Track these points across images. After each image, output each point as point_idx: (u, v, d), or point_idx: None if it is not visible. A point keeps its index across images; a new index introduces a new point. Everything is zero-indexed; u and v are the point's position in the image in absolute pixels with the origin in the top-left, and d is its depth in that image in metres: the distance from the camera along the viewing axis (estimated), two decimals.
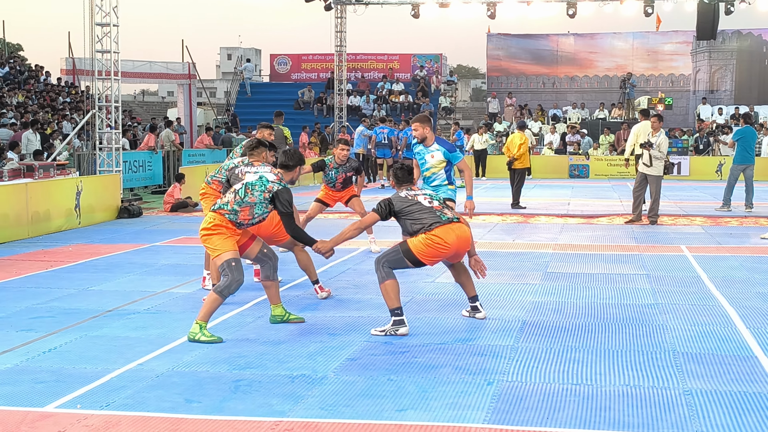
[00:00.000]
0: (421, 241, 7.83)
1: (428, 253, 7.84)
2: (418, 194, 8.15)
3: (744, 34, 41.24)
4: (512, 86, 42.46)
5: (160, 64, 40.87)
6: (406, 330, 7.80)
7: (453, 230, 7.90)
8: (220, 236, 7.70)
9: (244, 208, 7.72)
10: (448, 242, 7.83)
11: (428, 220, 7.88)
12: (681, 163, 30.51)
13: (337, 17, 36.03)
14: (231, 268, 7.60)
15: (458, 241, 7.90)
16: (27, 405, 5.88)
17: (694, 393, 6.04)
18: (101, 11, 18.58)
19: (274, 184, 7.78)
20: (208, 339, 7.55)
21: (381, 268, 7.83)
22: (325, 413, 5.67)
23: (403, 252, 7.86)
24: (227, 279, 7.59)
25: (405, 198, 8.10)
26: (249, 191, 7.75)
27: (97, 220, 16.93)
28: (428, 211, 7.95)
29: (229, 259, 7.62)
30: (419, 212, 7.94)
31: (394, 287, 7.81)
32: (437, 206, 8.05)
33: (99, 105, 18.98)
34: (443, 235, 7.82)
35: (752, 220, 16.88)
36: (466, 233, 8.03)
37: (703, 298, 9.36)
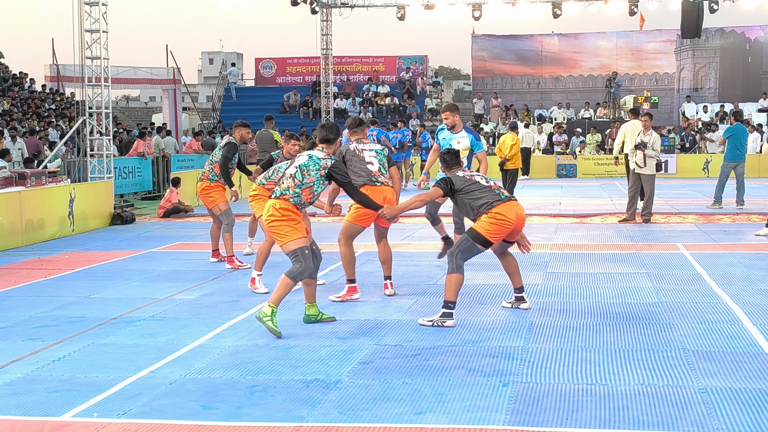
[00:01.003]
0: (486, 221, 8.22)
1: (494, 230, 8.22)
2: (474, 175, 8.65)
3: (727, 32, 41.44)
4: (497, 87, 42.50)
5: (144, 70, 40.77)
6: (452, 323, 8.16)
7: (513, 207, 8.34)
8: (289, 223, 7.97)
9: (304, 190, 8.05)
10: (510, 218, 8.25)
11: (489, 197, 8.32)
12: (668, 161, 30.64)
13: (323, 20, 36.05)
14: (304, 255, 7.91)
15: (517, 217, 8.34)
16: (43, 415, 5.85)
17: (710, 391, 6.06)
18: (90, 17, 18.50)
19: (326, 160, 8.18)
20: (272, 327, 7.81)
21: (454, 260, 8.19)
22: (344, 417, 5.67)
23: (473, 237, 8.22)
24: (300, 265, 7.89)
25: (464, 177, 8.55)
26: (305, 172, 8.07)
27: (90, 228, 16.86)
28: (488, 190, 8.42)
29: (302, 246, 7.93)
30: (479, 191, 8.39)
31: (459, 281, 8.17)
32: (494, 185, 8.54)
33: (89, 112, 18.88)
34: (505, 211, 8.25)
35: (744, 217, 16.97)
36: (523, 211, 8.48)
37: (706, 295, 9.41)
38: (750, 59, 41.47)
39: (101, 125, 18.99)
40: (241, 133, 12.28)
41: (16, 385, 6.54)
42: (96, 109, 18.97)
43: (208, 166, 12.11)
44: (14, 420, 5.76)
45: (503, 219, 8.20)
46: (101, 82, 18.81)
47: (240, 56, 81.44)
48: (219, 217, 12.02)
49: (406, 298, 9.53)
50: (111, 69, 19.64)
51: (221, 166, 11.83)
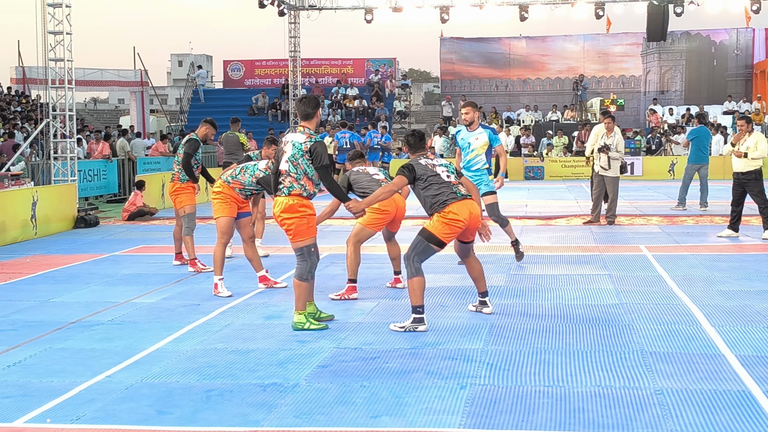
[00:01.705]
0: (438, 221, 8.10)
1: (447, 231, 8.09)
2: (436, 165, 8.37)
3: (693, 35, 41.82)
4: (465, 89, 42.61)
5: (111, 72, 40.55)
6: (425, 327, 8.06)
7: (466, 206, 8.16)
8: (304, 221, 7.99)
9: (303, 179, 8.01)
10: (463, 218, 8.09)
11: (445, 194, 8.12)
12: (634, 163, 30.82)
13: (291, 23, 36.00)
14: (310, 253, 8.05)
15: (471, 217, 8.16)
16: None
17: (666, 392, 6.09)
18: (54, 19, 18.34)
19: (306, 143, 8.06)
20: (317, 327, 8.07)
21: (411, 264, 8.09)
22: (299, 421, 5.64)
23: (427, 239, 8.11)
24: (306, 264, 8.04)
25: (425, 166, 8.31)
26: (295, 163, 8.03)
27: (53, 231, 16.71)
28: (446, 185, 8.19)
29: (310, 244, 8.04)
30: (437, 185, 8.18)
31: (421, 284, 8.05)
32: (454, 181, 8.31)
33: (53, 114, 18.72)
34: (458, 210, 8.09)
35: (708, 218, 17.10)
36: (477, 210, 8.30)
37: (666, 297, 9.46)
38: (715, 62, 41.87)
39: (65, 128, 18.82)
40: (206, 130, 12.16)
41: None
42: (60, 112, 18.80)
43: (177, 167, 12.01)
44: None
45: (455, 219, 8.06)
46: (65, 84, 18.65)
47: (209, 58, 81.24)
48: (182, 219, 11.94)
49: (368, 301, 9.51)
50: (77, 71, 19.52)
51: (184, 163, 11.75)
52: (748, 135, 13.99)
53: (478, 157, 11.33)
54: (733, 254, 12.52)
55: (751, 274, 10.78)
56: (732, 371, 6.59)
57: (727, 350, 7.19)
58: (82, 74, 35.25)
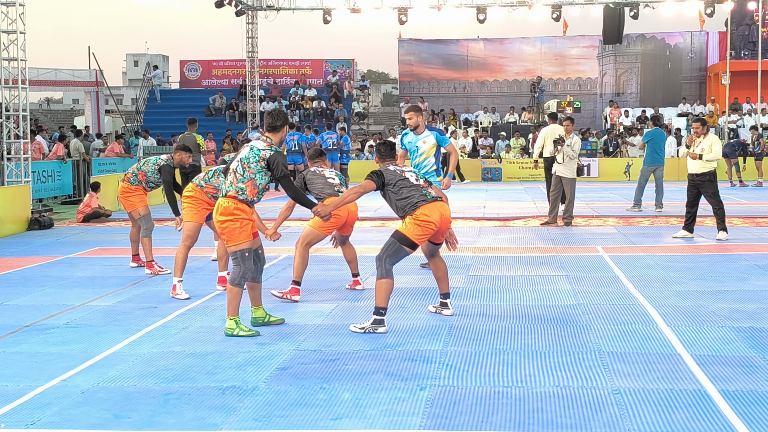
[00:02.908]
0: (410, 223, 8.17)
1: (419, 233, 8.15)
2: (405, 170, 8.51)
3: (648, 38, 42.32)
4: (424, 91, 42.74)
5: (65, 72, 40.12)
6: (384, 329, 8.07)
7: (437, 208, 8.25)
8: (237, 223, 7.85)
9: (247, 184, 7.85)
10: (434, 219, 8.17)
11: (415, 197, 8.23)
12: (590, 164, 31.10)
13: (249, 23, 35.82)
14: (244, 258, 7.87)
15: (442, 219, 8.24)
16: None
17: (623, 392, 6.14)
18: (7, 18, 18.09)
19: (266, 151, 7.93)
20: (246, 333, 7.86)
21: (382, 265, 8.11)
22: (259, 424, 5.61)
23: (399, 240, 8.16)
24: (240, 269, 7.85)
25: (394, 172, 8.44)
26: (245, 165, 7.89)
27: (6, 233, 16.47)
28: (415, 188, 8.31)
29: (245, 249, 7.84)
30: (407, 188, 8.30)
31: (389, 287, 8.07)
32: (423, 183, 8.45)
33: (6, 114, 18.46)
34: (429, 212, 8.17)
35: (663, 219, 17.28)
36: (448, 211, 8.41)
37: (622, 297, 9.54)
38: (670, 65, 42.41)
39: (19, 128, 18.58)
40: (181, 157, 11.64)
41: None
42: (14, 112, 18.55)
43: (134, 170, 11.83)
44: None
45: (426, 220, 8.13)
46: (18, 84, 18.41)
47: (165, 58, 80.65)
48: (138, 221, 11.81)
49: (327, 303, 9.48)
50: (31, 71, 19.30)
51: (166, 193, 11.50)
52: (702, 137, 14.16)
53: (427, 160, 11.29)
54: (688, 255, 12.66)
55: (706, 275, 10.91)
56: (688, 370, 6.66)
57: (683, 350, 7.26)
58: (36, 74, 34.83)
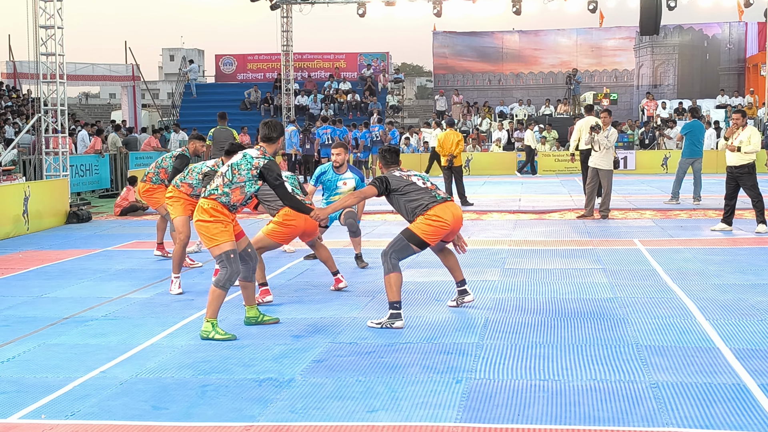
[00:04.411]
0: (423, 222, 8.11)
1: (431, 232, 8.11)
2: (411, 174, 8.44)
3: (685, 29, 41.87)
4: (458, 84, 42.63)
5: (102, 67, 40.46)
6: (401, 324, 7.96)
7: (449, 208, 8.22)
8: (217, 225, 7.65)
9: (234, 190, 7.69)
10: (447, 220, 8.13)
11: (425, 199, 8.18)
12: (627, 157, 30.87)
13: (283, 17, 35.89)
14: (230, 260, 7.61)
15: (454, 218, 8.22)
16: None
17: (661, 386, 6.09)
18: (45, 13, 18.27)
19: (259, 160, 7.75)
20: (222, 337, 7.60)
21: (388, 260, 8.03)
22: (295, 416, 5.63)
23: (408, 238, 8.10)
24: (227, 271, 7.60)
25: (400, 177, 8.37)
26: (236, 171, 7.72)
27: (45, 226, 16.65)
28: (424, 191, 8.26)
29: (228, 250, 7.63)
30: (416, 192, 8.24)
31: (398, 280, 8.00)
32: (431, 186, 8.38)
33: (45, 109, 18.65)
34: (441, 213, 8.13)
35: (701, 212, 17.12)
36: (459, 212, 8.37)
37: (660, 291, 9.46)
38: (708, 56, 41.95)
39: (57, 122, 18.77)
40: (195, 145, 11.95)
41: None
42: (52, 106, 18.74)
43: (154, 169, 11.96)
44: None
45: (439, 220, 8.10)
46: (56, 78, 18.59)
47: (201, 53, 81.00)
48: (165, 217, 11.89)
49: (362, 296, 9.50)
50: (68, 65, 19.47)
51: (170, 178, 11.62)
52: (741, 129, 14.00)
53: None
54: (727, 248, 12.53)
55: (745, 268, 10.79)
56: (727, 364, 6.60)
57: (721, 343, 7.19)
58: (73, 69, 35.17)
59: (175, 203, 10.46)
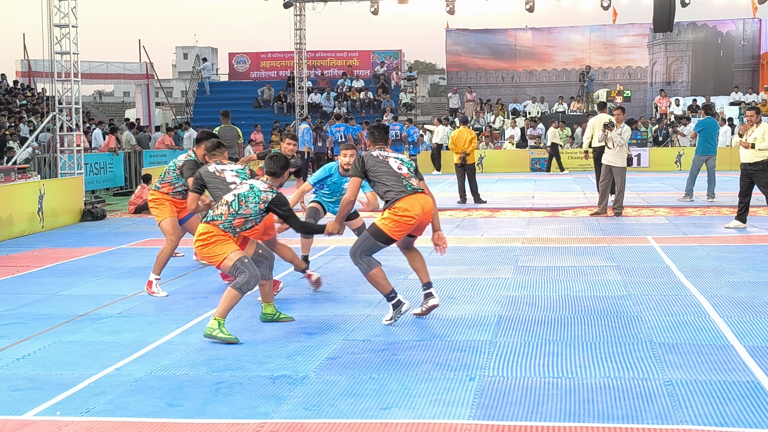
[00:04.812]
0: (389, 217, 7.81)
1: (396, 228, 7.81)
2: (390, 156, 8.08)
3: (699, 26, 41.70)
4: (472, 81, 42.56)
5: (116, 65, 40.60)
6: (407, 305, 7.99)
7: (418, 200, 7.87)
8: (218, 243, 7.62)
9: (238, 219, 7.67)
10: (413, 214, 7.79)
11: (394, 187, 7.84)
12: (641, 154, 30.77)
13: (296, 15, 35.92)
14: (245, 264, 7.57)
15: (423, 212, 7.87)
16: (5, 413, 5.78)
17: (675, 383, 6.08)
18: (59, 12, 18.34)
19: (267, 194, 7.71)
20: (225, 337, 7.46)
21: (360, 260, 7.88)
22: (309, 413, 5.64)
23: (373, 235, 7.87)
24: (245, 276, 7.53)
25: (376, 157, 8.01)
26: (243, 203, 7.68)
27: (60, 224, 16.73)
28: (396, 177, 7.90)
29: (240, 257, 7.59)
30: (387, 175, 7.90)
31: (380, 273, 7.88)
32: (405, 173, 7.99)
33: (59, 107, 18.73)
34: (408, 206, 7.79)
35: (715, 209, 17.06)
36: (429, 204, 7.98)
37: (674, 288, 9.44)
38: (722, 53, 41.76)
39: (71, 121, 18.84)
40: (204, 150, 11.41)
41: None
42: (66, 105, 18.82)
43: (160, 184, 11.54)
44: None
45: (405, 215, 7.76)
46: (71, 77, 18.66)
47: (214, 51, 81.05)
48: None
49: (376, 294, 9.45)
50: (82, 64, 19.52)
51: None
52: (755, 126, 13.95)
53: None
54: (741, 245, 12.49)
55: (759, 265, 10.76)
56: (741, 362, 6.59)
57: (735, 341, 7.18)
58: (87, 67, 35.30)
59: (159, 206, 10.24)
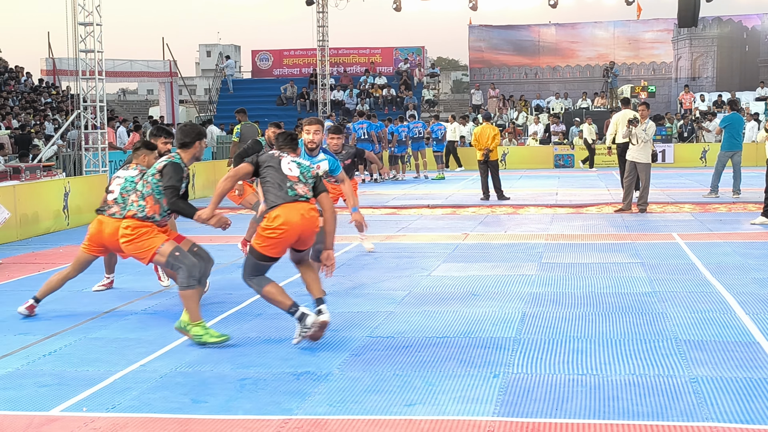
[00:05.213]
0: (262, 232, 7.15)
1: (270, 244, 7.10)
2: (287, 157, 7.34)
3: (724, 20, 41.41)
4: (495, 77, 42.47)
5: (140, 63, 40.81)
6: (313, 317, 7.12)
7: (295, 209, 7.08)
8: (144, 236, 7.45)
9: (147, 199, 7.50)
10: (288, 224, 7.03)
11: (274, 193, 7.10)
12: (666, 150, 30.62)
13: (319, 12, 36.02)
14: (177, 258, 7.33)
15: (303, 222, 7.09)
16: (32, 409, 5.82)
17: (701, 380, 6.05)
18: (84, 11, 18.45)
19: (161, 162, 7.43)
20: (217, 339, 7.25)
21: (251, 282, 7.32)
22: (333, 410, 5.65)
23: (252, 254, 7.27)
24: (183, 270, 7.25)
25: (271, 155, 7.36)
26: (144, 181, 7.55)
27: (85, 221, 16.77)
28: (280, 180, 7.15)
29: (171, 250, 7.35)
30: (272, 175, 7.17)
31: (274, 290, 7.23)
32: (293, 176, 7.20)
33: (84, 105, 18.85)
34: (284, 216, 7.03)
35: (740, 205, 16.95)
36: (313, 215, 7.19)
37: (699, 285, 9.39)
38: (747, 48, 41.46)
39: (96, 118, 18.96)
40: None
41: (5, 380, 6.52)
42: (91, 103, 18.94)
43: None
44: (2, 415, 5.73)
45: (280, 227, 7.02)
46: (95, 75, 18.77)
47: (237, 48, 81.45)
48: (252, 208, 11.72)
49: (399, 291, 9.51)
50: (106, 62, 19.64)
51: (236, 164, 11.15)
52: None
53: None
54: (767, 242, 12.39)
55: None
56: (767, 359, 6.53)
57: (762, 338, 7.12)
58: (111, 65, 35.49)
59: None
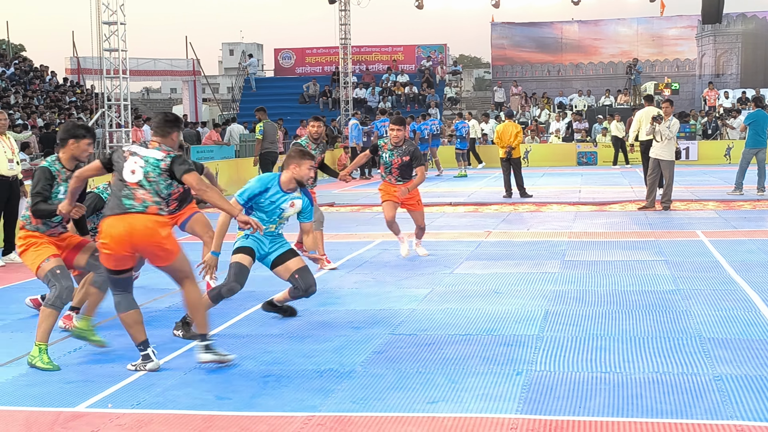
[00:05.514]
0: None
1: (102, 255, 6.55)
2: (140, 153, 6.46)
3: (749, 16, 41.10)
4: (517, 75, 42.38)
5: (164, 62, 41.02)
6: (154, 364, 6.59)
7: (125, 220, 6.33)
8: (31, 248, 7.20)
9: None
10: (111, 234, 6.35)
11: (111, 202, 6.45)
12: (689, 147, 30.45)
13: (341, 10, 36.06)
14: (56, 276, 7.01)
15: (131, 231, 6.33)
16: (58, 405, 5.88)
17: (725, 378, 6.02)
18: (108, 10, 18.58)
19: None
20: (45, 366, 6.71)
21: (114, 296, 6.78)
22: (356, 407, 5.67)
23: None
24: (56, 289, 6.95)
25: (122, 154, 6.51)
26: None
27: None
28: (118, 186, 6.39)
29: (51, 268, 7.04)
30: (117, 179, 6.42)
31: (130, 319, 6.69)
32: (133, 182, 6.38)
33: (108, 104, 18.97)
34: (108, 227, 6.38)
35: (765, 203, 16.84)
36: (146, 226, 6.34)
37: (723, 283, 9.34)
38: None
39: (120, 117, 19.08)
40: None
41: (31, 377, 6.59)
42: (115, 101, 19.06)
43: None
44: (29, 411, 5.80)
45: (105, 240, 6.39)
46: (119, 74, 18.90)
47: (260, 47, 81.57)
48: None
49: (422, 288, 9.51)
50: (130, 61, 19.76)
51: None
52: None
53: (281, 227, 8.22)
54: None
55: None
56: None
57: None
58: (135, 64, 35.68)
59: None
